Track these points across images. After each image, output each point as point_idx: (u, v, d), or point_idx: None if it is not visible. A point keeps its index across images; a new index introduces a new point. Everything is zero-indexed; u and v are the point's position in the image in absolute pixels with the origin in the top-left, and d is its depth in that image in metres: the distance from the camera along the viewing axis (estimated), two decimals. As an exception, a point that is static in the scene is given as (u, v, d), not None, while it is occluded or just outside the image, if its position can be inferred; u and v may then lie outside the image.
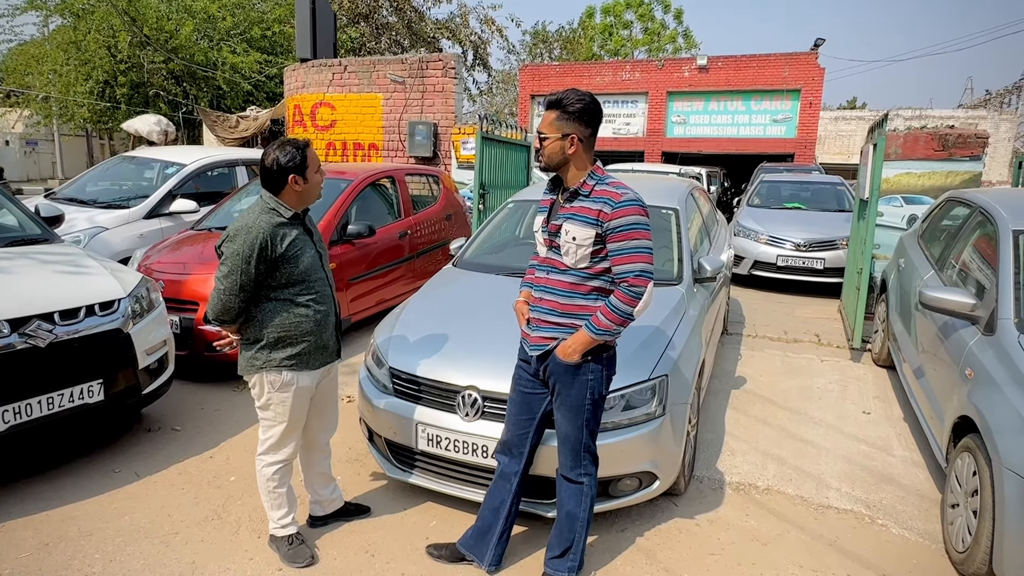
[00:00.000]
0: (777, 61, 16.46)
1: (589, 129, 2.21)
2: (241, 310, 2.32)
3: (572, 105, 2.16)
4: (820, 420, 4.01)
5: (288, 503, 2.56)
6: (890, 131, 6.39)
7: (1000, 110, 26.40)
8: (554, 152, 2.19)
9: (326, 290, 2.44)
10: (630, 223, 2.13)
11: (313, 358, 2.42)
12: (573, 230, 2.19)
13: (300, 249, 2.33)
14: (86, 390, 3.01)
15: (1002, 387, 2.55)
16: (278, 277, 2.31)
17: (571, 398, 2.29)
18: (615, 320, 2.15)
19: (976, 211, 3.80)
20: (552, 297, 2.28)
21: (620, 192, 2.17)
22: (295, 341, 2.36)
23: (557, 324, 2.27)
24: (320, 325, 2.40)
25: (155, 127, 12.16)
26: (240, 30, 14.18)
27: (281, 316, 2.34)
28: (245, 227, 2.25)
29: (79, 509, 2.87)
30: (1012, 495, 2.26)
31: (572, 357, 2.22)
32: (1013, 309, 2.85)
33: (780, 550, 2.73)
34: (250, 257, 2.23)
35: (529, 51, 29.62)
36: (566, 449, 2.35)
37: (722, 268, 3.85)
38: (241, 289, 2.27)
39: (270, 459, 2.48)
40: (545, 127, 2.20)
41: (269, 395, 2.40)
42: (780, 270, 7.66)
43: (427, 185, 6.74)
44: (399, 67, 8.59)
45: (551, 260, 2.30)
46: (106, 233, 5.74)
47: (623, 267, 2.15)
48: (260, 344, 2.36)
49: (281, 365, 2.36)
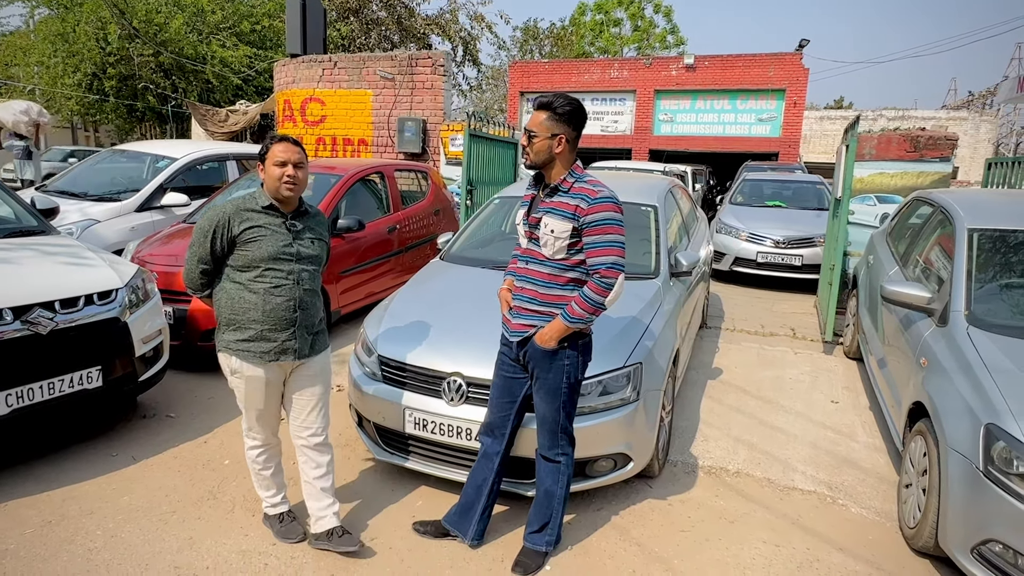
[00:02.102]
0: (762, 61, 16.71)
1: (576, 131, 2.38)
2: (203, 282, 2.48)
3: (562, 108, 2.32)
4: (790, 409, 4.21)
5: (275, 485, 2.68)
6: (867, 132, 6.60)
7: (981, 111, 26.90)
8: (542, 150, 2.35)
9: (285, 284, 2.41)
10: (604, 218, 2.29)
11: (261, 348, 2.41)
12: (552, 223, 2.34)
13: (259, 236, 2.38)
14: (85, 376, 3.12)
15: (950, 374, 2.74)
16: (235, 258, 2.41)
17: (549, 382, 2.44)
18: (588, 309, 2.31)
19: (938, 210, 4.01)
20: (532, 286, 2.44)
21: (596, 189, 2.33)
22: (242, 326, 2.41)
23: (536, 312, 2.43)
24: (269, 316, 2.39)
25: (22, 117, 10.45)
26: (230, 24, 14.17)
27: (233, 299, 2.41)
28: (213, 207, 2.43)
29: (79, 490, 2.99)
30: (955, 473, 2.45)
31: (549, 344, 2.38)
32: (964, 302, 3.05)
33: (746, 527, 2.91)
34: (208, 232, 2.37)
35: (520, 47, 29.71)
36: (544, 430, 2.51)
37: (698, 263, 4.03)
38: (200, 261, 2.42)
39: (250, 441, 2.62)
40: (535, 126, 2.35)
41: (228, 376, 2.51)
42: (760, 266, 7.88)
43: (416, 181, 6.87)
44: (389, 64, 8.69)
45: (531, 251, 2.45)
46: (98, 226, 5.82)
47: (597, 259, 2.30)
48: (219, 323, 2.48)
49: (229, 348, 2.44)
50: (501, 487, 2.70)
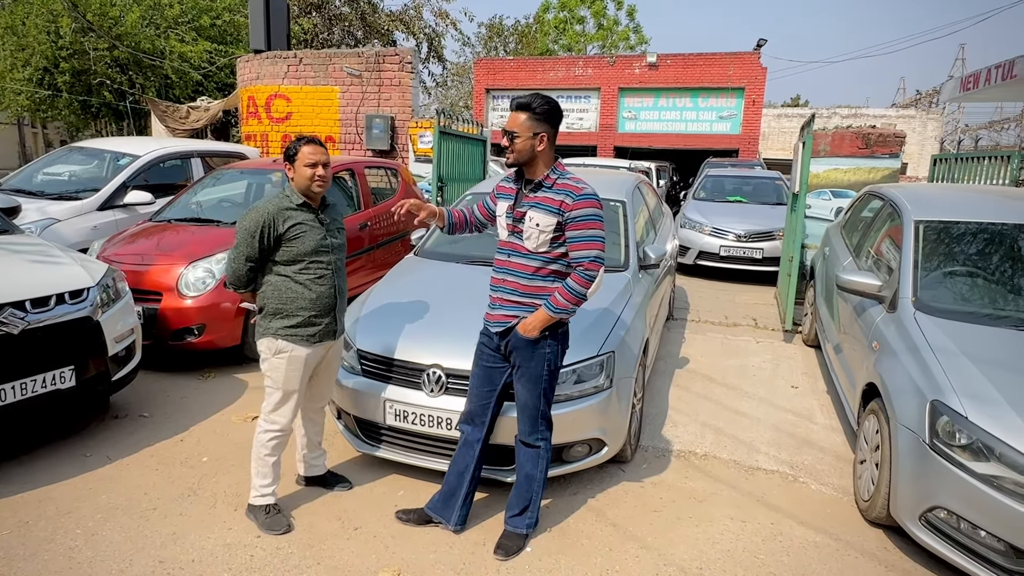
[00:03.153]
0: (722, 60, 17.12)
1: (555, 129, 2.49)
2: (250, 278, 2.70)
3: (541, 107, 2.43)
4: (753, 394, 4.40)
5: (273, 474, 2.75)
6: (822, 130, 6.89)
7: (928, 110, 28.05)
8: (524, 149, 2.44)
9: (327, 273, 2.69)
10: (588, 214, 2.41)
11: (308, 332, 2.65)
12: (537, 217, 2.44)
13: (302, 232, 2.62)
14: (58, 376, 3.09)
15: (899, 356, 2.94)
16: (281, 254, 2.63)
17: (531, 370, 2.54)
18: (571, 300, 2.42)
19: (887, 204, 4.24)
20: (514, 279, 2.53)
21: (580, 186, 2.44)
22: (290, 314, 2.64)
23: (518, 303, 2.52)
24: (314, 303, 2.65)
25: None
26: (188, 18, 13.81)
27: (280, 290, 2.64)
28: (256, 209, 2.62)
29: (55, 491, 2.96)
30: (904, 447, 2.64)
31: (532, 333, 2.48)
32: (912, 289, 3.26)
33: (714, 506, 3.06)
34: (255, 232, 2.57)
35: (484, 44, 29.71)
36: (525, 417, 2.61)
37: (665, 256, 4.18)
38: (247, 260, 2.63)
39: (267, 425, 2.71)
40: (516, 126, 2.44)
41: (267, 359, 2.68)
42: (723, 260, 8.14)
43: (386, 178, 6.88)
44: (355, 60, 8.66)
45: (513, 244, 2.55)
46: (58, 225, 5.68)
47: (580, 253, 2.41)
48: (264, 312, 2.69)
49: (277, 334, 2.64)
50: (482, 474, 2.79)
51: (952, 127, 31.76)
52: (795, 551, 2.73)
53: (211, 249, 4.63)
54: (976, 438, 2.40)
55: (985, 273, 3.36)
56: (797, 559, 2.67)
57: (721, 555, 2.68)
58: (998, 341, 2.87)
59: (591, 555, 2.65)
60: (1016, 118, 28.38)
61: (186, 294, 4.38)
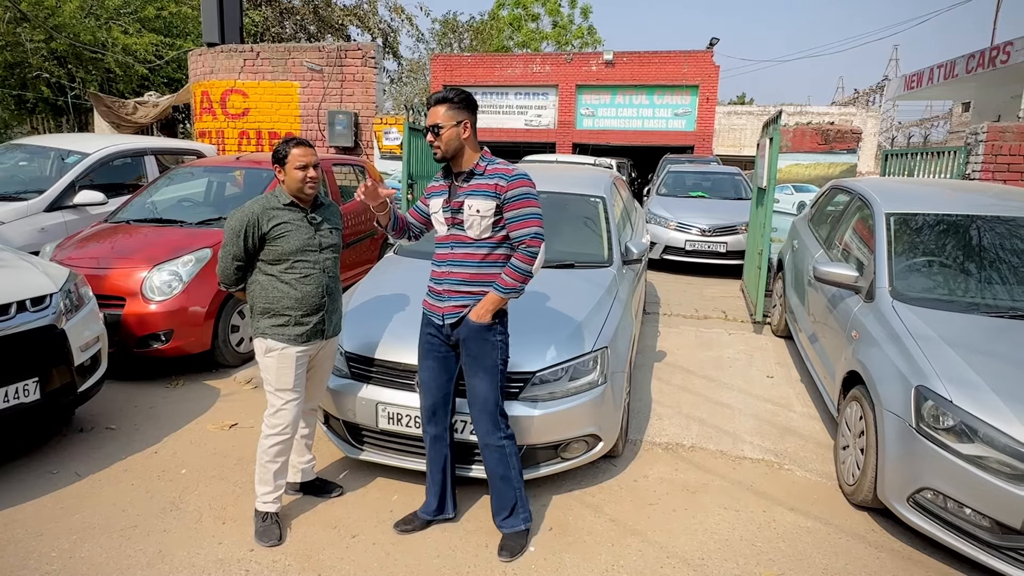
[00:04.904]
0: (677, 58, 17.44)
1: (474, 117, 2.50)
2: (238, 277, 2.67)
3: (458, 97, 2.45)
4: (731, 385, 4.49)
5: (274, 483, 2.68)
6: (784, 126, 7.09)
7: (867, 107, 29.31)
8: (451, 138, 2.44)
9: (313, 273, 2.64)
10: (523, 193, 2.43)
11: (295, 331, 2.61)
12: (476, 204, 2.44)
13: (287, 232, 2.59)
14: (22, 389, 2.89)
15: (881, 344, 3.04)
16: (266, 253, 2.60)
17: (484, 359, 2.51)
18: (518, 278, 2.44)
19: (856, 198, 4.39)
20: (461, 269, 2.51)
21: (510, 168, 2.49)
22: (277, 313, 2.61)
23: (468, 292, 2.50)
24: (300, 303, 2.62)
25: None
26: (132, 9, 13.13)
27: (267, 289, 2.62)
28: (241, 208, 2.60)
29: (21, 512, 2.77)
30: (891, 432, 2.73)
31: (485, 318, 2.46)
32: (888, 279, 3.38)
33: (707, 496, 3.11)
34: (239, 232, 2.56)
35: (439, 40, 29.43)
36: (484, 415, 2.55)
37: (645, 250, 4.22)
38: (234, 259, 2.61)
39: (268, 430, 2.64)
40: (438, 119, 2.43)
41: (260, 359, 2.66)
42: (688, 254, 8.29)
43: (353, 175, 6.72)
44: (316, 55, 8.42)
45: (455, 236, 2.53)
46: (2, 227, 5.32)
47: (520, 231, 2.43)
48: (253, 312, 2.67)
49: (265, 333, 2.63)
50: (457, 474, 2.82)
51: (888, 124, 33.30)
52: (789, 537, 2.79)
53: (175, 251, 4.42)
54: (960, 420, 2.50)
55: (955, 262, 3.51)
56: (792, 545, 2.74)
57: (720, 545, 2.72)
58: (973, 327, 3.00)
59: (594, 551, 2.65)
60: (945, 116, 30.00)
61: (151, 298, 4.17)
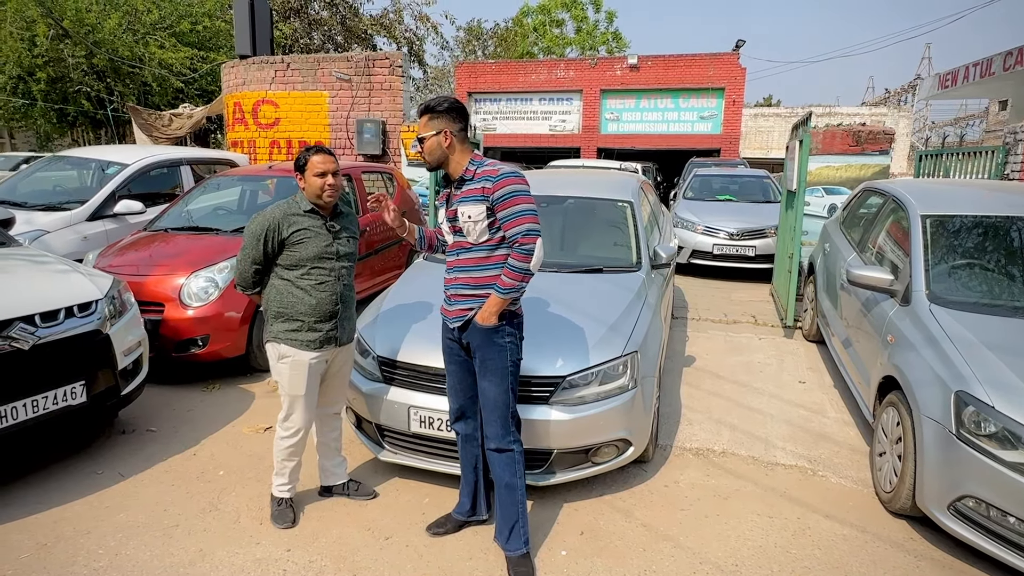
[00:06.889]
0: (702, 61, 17.32)
1: (458, 124, 2.48)
2: (256, 281, 2.73)
3: (440, 105, 2.46)
4: (763, 390, 4.44)
5: (290, 477, 2.82)
6: (814, 128, 6.99)
7: (899, 107, 28.70)
8: (433, 148, 2.46)
9: (328, 280, 2.69)
10: (510, 191, 2.40)
11: (308, 337, 2.66)
12: (467, 210, 2.44)
13: (306, 238, 2.64)
14: (69, 392, 3.00)
15: (918, 349, 2.99)
16: (284, 258, 2.66)
17: (494, 362, 2.50)
18: (516, 277, 2.41)
19: (889, 199, 4.31)
20: (465, 274, 2.52)
21: (496, 168, 2.45)
22: (290, 318, 2.66)
23: (472, 296, 2.51)
24: (315, 309, 2.66)
25: None
26: (167, 24, 13.55)
27: (282, 294, 2.67)
28: (263, 213, 2.66)
29: (69, 510, 2.87)
30: (930, 438, 2.67)
31: (490, 320, 2.45)
32: (924, 283, 3.32)
33: (740, 502, 3.08)
34: (259, 236, 2.61)
35: (463, 48, 29.66)
36: (495, 418, 2.53)
37: (674, 254, 4.20)
38: (253, 262, 2.67)
39: (282, 432, 2.74)
40: (422, 129, 2.47)
41: (273, 365, 2.72)
42: (716, 258, 8.21)
43: (382, 183, 6.82)
44: (345, 65, 8.58)
45: (459, 243, 2.54)
46: (47, 236, 5.53)
47: (513, 230, 2.40)
48: (269, 316, 2.73)
49: (278, 338, 2.68)
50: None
51: (920, 124, 32.55)
52: (825, 545, 2.75)
53: (212, 258, 4.54)
54: (1003, 427, 2.44)
55: (993, 265, 3.43)
56: (828, 553, 2.69)
57: (754, 551, 2.69)
58: (1014, 331, 2.93)
59: (626, 556, 2.64)
60: (980, 114, 29.20)
61: (189, 304, 4.29)
